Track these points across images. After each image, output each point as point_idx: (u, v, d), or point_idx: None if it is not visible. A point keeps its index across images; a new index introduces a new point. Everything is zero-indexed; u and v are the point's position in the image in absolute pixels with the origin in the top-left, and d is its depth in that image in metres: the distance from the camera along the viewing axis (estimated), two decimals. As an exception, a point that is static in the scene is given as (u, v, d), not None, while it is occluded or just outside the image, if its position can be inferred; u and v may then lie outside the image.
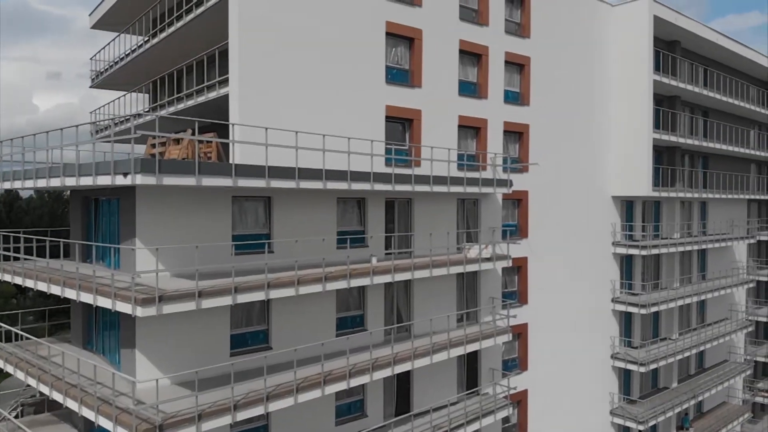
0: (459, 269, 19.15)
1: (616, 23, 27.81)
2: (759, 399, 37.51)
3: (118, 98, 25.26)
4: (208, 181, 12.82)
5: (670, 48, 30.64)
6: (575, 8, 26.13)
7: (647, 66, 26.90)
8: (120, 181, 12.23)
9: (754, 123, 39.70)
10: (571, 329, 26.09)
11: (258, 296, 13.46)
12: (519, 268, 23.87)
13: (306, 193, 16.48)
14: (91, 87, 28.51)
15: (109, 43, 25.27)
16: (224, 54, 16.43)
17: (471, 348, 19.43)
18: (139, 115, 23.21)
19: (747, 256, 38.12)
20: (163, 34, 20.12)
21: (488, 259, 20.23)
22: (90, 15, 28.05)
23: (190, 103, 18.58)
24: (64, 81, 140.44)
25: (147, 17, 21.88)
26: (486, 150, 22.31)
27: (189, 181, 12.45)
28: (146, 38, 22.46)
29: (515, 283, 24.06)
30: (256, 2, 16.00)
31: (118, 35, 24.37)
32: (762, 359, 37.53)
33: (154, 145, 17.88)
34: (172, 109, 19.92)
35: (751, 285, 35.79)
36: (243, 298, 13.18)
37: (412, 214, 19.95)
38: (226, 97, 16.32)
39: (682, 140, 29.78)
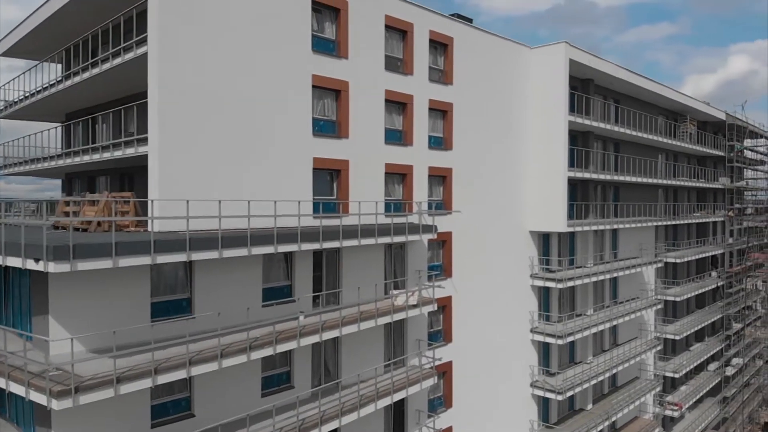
0: (387, 319, 19.38)
1: (534, 66, 28.99)
2: (668, 412, 39.95)
3: (29, 135, 24.03)
4: (126, 262, 12.44)
5: (585, 85, 32.27)
6: (496, 51, 27.05)
7: (563, 109, 28.19)
8: (31, 266, 11.70)
9: (661, 151, 42.40)
10: (493, 362, 26.97)
11: (179, 375, 13.16)
12: (444, 307, 24.45)
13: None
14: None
15: (19, 75, 24.01)
16: (142, 97, 15.91)
17: (398, 396, 19.72)
18: (52, 158, 22.25)
19: (655, 277, 40.57)
20: (77, 78, 19.30)
21: (415, 306, 20.63)
22: (-2, 42, 26.53)
23: (106, 155, 17.92)
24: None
25: (64, 42, 21.04)
26: (412, 194, 22.75)
27: (105, 263, 12.05)
28: (60, 78, 21.49)
29: (440, 322, 24.63)
30: (176, 60, 15.60)
31: (30, 69, 23.15)
32: (670, 374, 39.96)
33: (68, 203, 17.21)
34: (87, 158, 19.14)
35: (659, 306, 38.14)
36: (164, 379, 12.85)
37: (340, 261, 20.05)
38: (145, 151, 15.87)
39: (595, 176, 31.43)
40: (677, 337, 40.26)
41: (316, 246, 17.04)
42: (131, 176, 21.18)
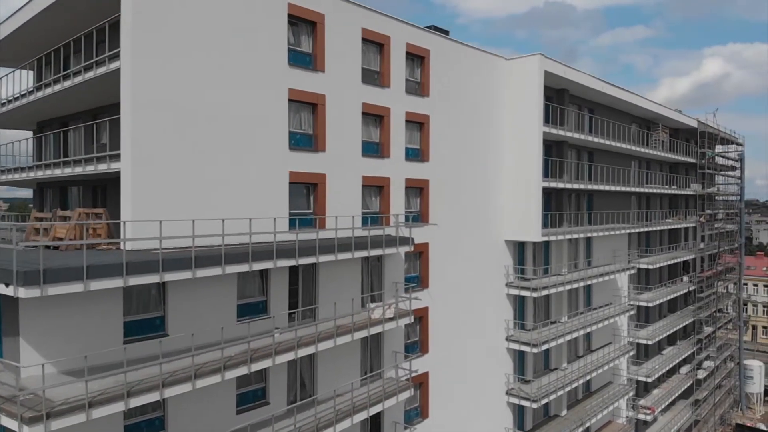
0: (363, 334, 19.43)
1: (509, 77, 29.24)
2: (641, 416, 40.58)
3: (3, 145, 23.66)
4: (97, 285, 12.29)
5: (559, 95, 32.66)
6: (472, 63, 27.24)
7: (537, 120, 28.48)
8: (1, 290, 11.50)
9: (634, 158, 43.12)
10: (469, 372, 27.16)
11: (152, 398, 13.04)
12: (420, 318, 24.54)
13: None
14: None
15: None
16: (116, 108, 15.70)
17: (374, 410, 19.77)
18: (23, 170, 21.88)
19: (628, 283, 41.19)
20: (49, 90, 19.03)
21: (391, 319, 20.68)
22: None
23: (78, 169, 17.67)
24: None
25: (37, 49, 20.75)
26: (389, 206, 22.80)
27: (77, 287, 11.89)
28: (32, 88, 21.13)
29: (417, 333, 24.72)
30: (149, 75, 15.43)
31: (3, 77, 22.75)
32: (643, 378, 40.60)
33: (40, 219, 16.94)
34: (58, 171, 18.86)
35: (632, 311, 38.76)
36: (136, 402, 12.72)
37: (316, 275, 20.02)
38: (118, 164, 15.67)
39: (569, 185, 31.85)
40: (650, 342, 40.92)
41: (292, 262, 17.01)
42: (104, 188, 20.87)
